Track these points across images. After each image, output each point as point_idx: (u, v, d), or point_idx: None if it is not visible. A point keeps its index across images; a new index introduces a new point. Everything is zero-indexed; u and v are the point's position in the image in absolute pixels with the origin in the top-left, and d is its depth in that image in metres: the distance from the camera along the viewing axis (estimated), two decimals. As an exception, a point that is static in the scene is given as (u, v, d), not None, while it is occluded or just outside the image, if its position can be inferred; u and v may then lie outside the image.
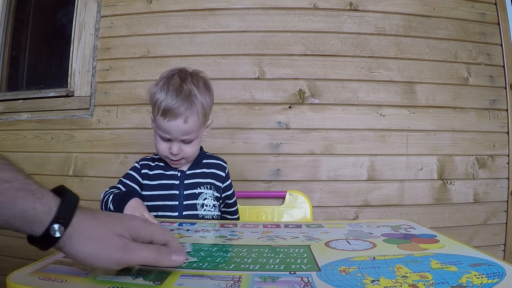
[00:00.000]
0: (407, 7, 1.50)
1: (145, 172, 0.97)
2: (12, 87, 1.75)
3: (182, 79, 0.92)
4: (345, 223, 0.82)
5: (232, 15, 1.48)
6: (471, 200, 1.47)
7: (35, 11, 1.86)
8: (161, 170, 0.98)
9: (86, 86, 1.53)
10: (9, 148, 1.55)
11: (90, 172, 1.48)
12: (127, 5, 1.52)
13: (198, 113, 0.90)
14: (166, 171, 0.98)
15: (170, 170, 0.98)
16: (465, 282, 0.42)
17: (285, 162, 1.43)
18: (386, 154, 1.45)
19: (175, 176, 0.98)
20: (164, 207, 0.95)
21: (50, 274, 0.45)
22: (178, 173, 0.98)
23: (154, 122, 0.94)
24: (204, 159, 1.03)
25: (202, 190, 0.98)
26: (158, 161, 1.00)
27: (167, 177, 0.98)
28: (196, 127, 0.92)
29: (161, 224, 0.77)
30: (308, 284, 0.43)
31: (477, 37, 1.53)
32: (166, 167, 0.99)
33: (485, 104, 1.51)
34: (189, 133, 0.91)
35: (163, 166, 0.99)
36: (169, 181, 0.97)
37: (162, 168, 0.99)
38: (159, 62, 1.48)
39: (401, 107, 1.47)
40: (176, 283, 0.43)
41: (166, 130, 0.90)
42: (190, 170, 1.00)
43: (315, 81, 1.45)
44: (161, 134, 0.91)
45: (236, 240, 0.67)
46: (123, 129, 1.48)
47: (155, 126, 0.93)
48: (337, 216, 1.42)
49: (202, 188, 0.98)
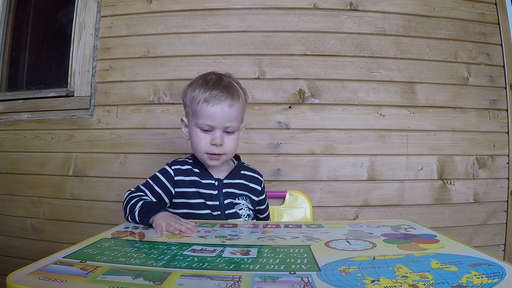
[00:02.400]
0: (407, 7, 1.50)
1: (179, 179, 0.93)
2: (12, 87, 1.75)
3: (218, 76, 0.93)
4: (345, 223, 0.82)
5: (232, 15, 1.48)
6: (471, 200, 1.47)
7: (35, 11, 1.86)
8: (196, 177, 0.94)
9: (86, 86, 1.53)
10: (9, 148, 1.55)
11: (90, 172, 1.48)
12: (127, 5, 1.52)
13: (241, 101, 0.91)
14: (202, 179, 0.94)
15: (207, 179, 0.94)
16: (465, 282, 0.42)
17: (285, 162, 1.43)
18: (386, 154, 1.45)
19: (212, 186, 0.94)
20: (208, 215, 0.92)
21: (50, 274, 0.45)
22: (216, 182, 0.94)
23: (191, 118, 0.91)
24: (242, 170, 1.01)
25: (239, 201, 0.96)
26: (193, 167, 0.95)
27: (204, 186, 0.93)
28: (240, 114, 0.91)
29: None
30: (308, 284, 0.43)
31: (477, 37, 1.53)
32: (202, 175, 0.94)
33: (485, 104, 1.51)
34: (233, 119, 0.89)
35: (199, 173, 0.94)
36: (207, 190, 0.93)
37: (197, 175, 0.94)
38: (159, 62, 1.48)
39: (401, 107, 1.47)
40: (176, 283, 0.43)
41: (210, 116, 0.87)
42: (228, 180, 0.97)
43: (315, 81, 1.45)
44: (202, 125, 0.88)
45: (236, 240, 0.67)
46: (123, 129, 1.48)
47: (194, 120, 0.89)
48: (337, 216, 1.42)
49: (240, 199, 0.97)
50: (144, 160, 1.45)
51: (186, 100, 0.93)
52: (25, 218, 1.52)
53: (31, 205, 1.51)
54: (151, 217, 0.76)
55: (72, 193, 1.48)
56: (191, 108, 0.90)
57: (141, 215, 0.79)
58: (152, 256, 0.55)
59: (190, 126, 0.92)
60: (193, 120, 0.90)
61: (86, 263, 0.50)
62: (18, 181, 1.53)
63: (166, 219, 0.74)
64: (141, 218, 0.79)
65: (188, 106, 0.92)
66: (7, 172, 1.55)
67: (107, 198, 1.45)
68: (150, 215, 0.77)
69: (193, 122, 0.90)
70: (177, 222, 0.73)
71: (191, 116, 0.91)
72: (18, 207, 1.53)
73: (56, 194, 1.49)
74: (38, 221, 1.50)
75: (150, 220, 0.76)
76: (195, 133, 0.90)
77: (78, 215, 1.47)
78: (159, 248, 0.60)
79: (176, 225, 0.72)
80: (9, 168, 1.55)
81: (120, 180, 1.45)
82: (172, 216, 0.77)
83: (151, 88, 1.47)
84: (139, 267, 0.49)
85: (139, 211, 0.80)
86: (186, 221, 0.76)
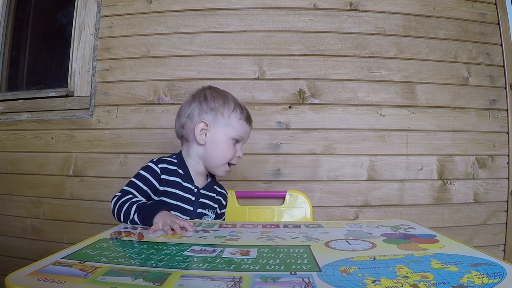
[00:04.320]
0: (407, 7, 1.50)
1: (164, 178, 0.93)
2: (12, 87, 1.75)
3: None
4: (345, 223, 0.82)
5: (232, 15, 1.48)
6: (471, 200, 1.47)
7: (35, 11, 1.86)
8: (179, 178, 0.95)
9: (86, 86, 1.53)
10: (9, 148, 1.55)
11: (90, 172, 1.48)
12: (127, 5, 1.52)
13: None
14: (184, 182, 0.95)
15: (188, 183, 0.95)
16: (466, 282, 0.42)
17: (285, 162, 1.43)
18: (386, 154, 1.45)
19: (191, 191, 0.95)
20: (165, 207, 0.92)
21: (49, 275, 0.45)
22: (195, 189, 0.96)
23: (222, 128, 0.95)
24: (215, 185, 1.04)
25: (208, 213, 0.98)
26: (178, 167, 0.96)
27: (184, 189, 0.94)
28: None
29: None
30: (309, 284, 0.43)
31: (477, 37, 1.53)
32: (185, 178, 0.96)
33: (485, 104, 1.51)
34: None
35: (182, 174, 0.96)
36: (186, 194, 0.94)
37: (181, 177, 0.95)
38: (159, 62, 1.48)
39: (401, 107, 1.47)
40: (176, 283, 0.43)
41: (246, 133, 0.98)
42: (205, 190, 0.99)
43: (315, 81, 1.45)
44: (237, 136, 0.96)
45: (236, 240, 0.67)
46: (123, 129, 1.48)
47: (228, 130, 0.95)
48: (337, 216, 1.42)
49: (209, 211, 0.98)
50: (144, 160, 1.43)
51: (223, 110, 0.95)
52: (25, 218, 1.52)
53: (31, 205, 1.51)
54: (151, 220, 0.76)
55: (72, 193, 1.48)
56: (227, 119, 0.95)
57: (141, 219, 0.79)
58: (151, 256, 0.55)
59: (217, 134, 0.95)
60: (225, 130, 0.95)
61: (85, 264, 0.50)
62: (18, 181, 1.53)
63: (163, 218, 0.75)
64: (142, 222, 0.79)
65: (222, 116, 0.95)
66: (7, 172, 1.55)
67: (107, 198, 1.45)
68: (151, 216, 0.76)
69: (225, 132, 0.95)
70: (173, 221, 0.73)
71: (223, 126, 0.95)
72: (18, 207, 1.52)
73: (56, 194, 1.49)
74: (38, 221, 1.50)
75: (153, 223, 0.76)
76: (226, 143, 0.95)
77: (78, 215, 1.47)
78: (159, 249, 0.60)
79: (172, 223, 0.72)
80: (9, 168, 1.55)
81: (120, 180, 1.45)
82: (169, 215, 0.77)
83: (151, 88, 1.47)
84: (139, 268, 0.49)
85: (137, 216, 0.79)
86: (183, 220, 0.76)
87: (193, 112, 0.96)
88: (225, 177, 1.07)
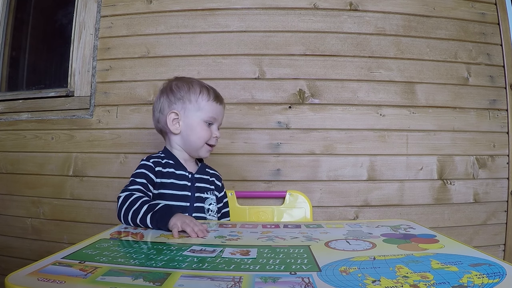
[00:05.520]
0: (407, 7, 1.50)
1: (158, 170, 0.96)
2: (12, 87, 1.75)
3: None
4: (344, 223, 0.82)
5: (232, 15, 1.47)
6: (471, 200, 1.47)
7: (35, 11, 1.86)
8: (172, 168, 0.98)
9: (86, 86, 1.53)
10: (9, 148, 1.55)
11: (90, 172, 1.48)
12: (127, 5, 1.52)
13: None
14: (177, 170, 0.98)
15: (180, 170, 0.99)
16: (466, 282, 0.42)
17: (285, 162, 1.43)
18: (386, 154, 1.45)
19: (186, 177, 0.98)
20: (177, 207, 0.92)
21: (49, 275, 0.45)
22: (189, 175, 0.99)
23: (193, 113, 0.98)
24: (207, 168, 1.09)
25: (208, 196, 1.01)
26: (167, 159, 1.00)
27: (178, 177, 0.97)
28: None
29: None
30: (309, 284, 0.43)
31: (477, 37, 1.53)
32: (177, 166, 0.99)
33: (485, 104, 1.51)
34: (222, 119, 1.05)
35: (173, 164, 0.99)
36: (181, 181, 0.97)
37: (173, 166, 0.99)
38: (159, 62, 1.48)
39: (401, 107, 1.47)
40: (176, 283, 0.43)
41: (217, 113, 1.01)
42: (198, 174, 1.02)
43: (315, 81, 1.45)
44: (208, 118, 0.99)
45: (236, 240, 0.67)
46: (123, 129, 1.48)
47: (199, 114, 0.98)
48: (337, 216, 1.42)
49: (208, 193, 1.01)
50: (144, 160, 1.45)
51: (189, 97, 0.98)
52: (25, 218, 1.52)
53: (31, 205, 1.51)
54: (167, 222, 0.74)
55: (72, 193, 1.48)
56: (195, 103, 0.98)
57: (155, 222, 0.76)
58: (151, 256, 0.55)
59: (190, 120, 0.98)
60: (196, 114, 0.98)
61: (85, 264, 0.50)
62: (18, 181, 1.53)
63: (180, 219, 0.73)
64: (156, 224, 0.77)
65: (190, 102, 0.99)
66: (7, 172, 1.55)
67: (107, 198, 1.45)
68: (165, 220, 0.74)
69: (196, 116, 0.98)
70: (192, 221, 0.73)
71: (193, 111, 0.98)
72: (18, 207, 1.52)
73: (56, 194, 1.49)
74: (38, 221, 1.50)
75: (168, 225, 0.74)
76: (199, 126, 0.98)
77: (78, 215, 1.47)
78: (159, 249, 0.60)
79: (191, 224, 0.71)
80: (9, 168, 1.55)
81: (120, 180, 1.45)
82: (185, 216, 0.76)
83: (151, 88, 1.47)
84: (139, 268, 0.49)
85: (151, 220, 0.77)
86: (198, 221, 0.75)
87: (163, 105, 1.01)
88: (225, 177, 1.07)
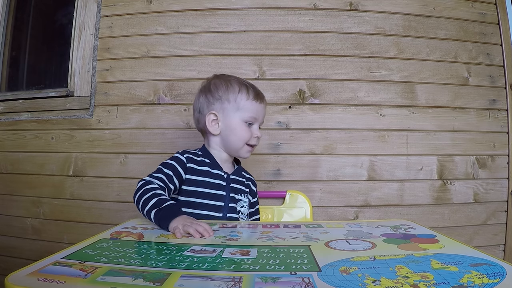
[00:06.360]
0: (407, 7, 1.50)
1: (190, 166, 0.95)
2: (12, 87, 1.75)
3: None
4: (344, 223, 0.82)
5: (232, 15, 1.48)
6: (471, 200, 1.47)
7: (35, 11, 1.86)
8: (207, 167, 0.97)
9: (86, 86, 1.53)
10: (9, 148, 1.55)
11: (90, 172, 1.48)
12: (127, 5, 1.52)
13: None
14: (212, 169, 0.97)
15: (216, 169, 0.98)
16: (466, 282, 0.42)
17: (285, 162, 1.43)
18: (386, 154, 1.45)
19: (221, 177, 0.97)
20: (211, 206, 0.93)
21: (49, 275, 0.45)
22: (224, 175, 0.98)
23: (233, 113, 0.96)
24: (243, 171, 1.08)
25: (241, 198, 1.00)
26: (203, 157, 0.99)
27: (213, 175, 0.97)
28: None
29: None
30: (309, 284, 0.43)
31: (477, 37, 1.53)
32: (212, 165, 0.98)
33: (485, 104, 1.51)
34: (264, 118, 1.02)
35: (209, 163, 0.98)
36: (216, 180, 0.96)
37: (208, 165, 0.98)
38: (159, 62, 1.48)
39: (401, 107, 1.47)
40: (176, 283, 0.43)
41: (258, 112, 0.97)
42: (234, 176, 1.01)
43: (315, 81, 1.45)
44: (249, 118, 0.96)
45: (236, 240, 0.67)
46: (123, 129, 1.48)
47: (239, 114, 0.95)
48: (337, 216, 1.42)
49: (242, 196, 1.01)
50: (144, 160, 1.45)
51: (228, 96, 0.97)
52: (25, 218, 1.52)
53: (31, 205, 1.51)
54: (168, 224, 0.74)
55: (72, 193, 1.48)
56: (234, 103, 0.96)
57: (157, 220, 0.77)
58: (151, 256, 0.55)
59: (229, 121, 0.96)
60: (236, 114, 0.96)
61: (85, 264, 0.50)
62: (18, 181, 1.53)
63: (181, 221, 0.73)
64: (158, 222, 0.77)
65: (228, 102, 0.96)
66: (7, 172, 1.55)
67: (107, 198, 1.45)
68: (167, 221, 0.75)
69: (235, 117, 0.96)
70: (193, 223, 0.72)
71: (232, 111, 0.96)
72: (18, 207, 1.52)
73: (56, 194, 1.49)
74: (38, 221, 1.50)
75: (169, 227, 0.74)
76: (239, 126, 0.96)
77: (78, 215, 1.47)
78: (159, 249, 0.60)
79: (193, 225, 0.71)
80: (9, 168, 1.55)
81: (120, 180, 1.45)
82: (187, 218, 0.76)
83: (151, 88, 1.47)
84: (139, 268, 0.49)
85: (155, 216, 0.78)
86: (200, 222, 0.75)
87: (202, 105, 1.00)
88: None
